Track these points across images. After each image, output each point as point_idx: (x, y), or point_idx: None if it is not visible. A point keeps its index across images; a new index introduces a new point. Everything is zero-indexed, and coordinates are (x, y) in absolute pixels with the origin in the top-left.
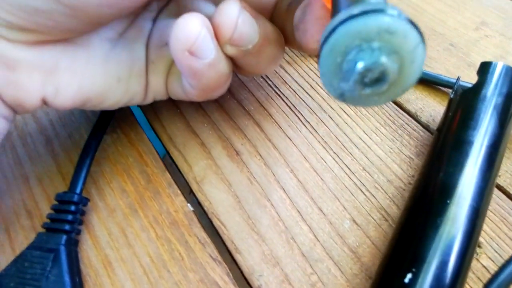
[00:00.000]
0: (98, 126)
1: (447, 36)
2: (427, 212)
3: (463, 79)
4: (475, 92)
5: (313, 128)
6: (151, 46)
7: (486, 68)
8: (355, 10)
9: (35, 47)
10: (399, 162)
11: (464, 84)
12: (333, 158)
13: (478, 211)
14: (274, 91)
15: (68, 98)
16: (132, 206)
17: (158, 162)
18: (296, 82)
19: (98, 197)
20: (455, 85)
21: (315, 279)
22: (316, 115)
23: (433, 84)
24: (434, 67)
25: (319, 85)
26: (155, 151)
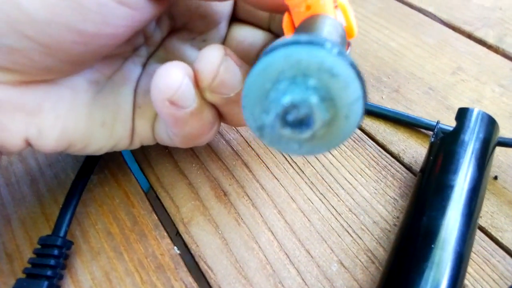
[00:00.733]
0: (85, 166)
1: (426, 80)
2: (412, 256)
3: (443, 121)
4: (454, 137)
5: (300, 169)
6: (138, 91)
7: (464, 114)
8: (303, 37)
9: (18, 87)
10: (384, 203)
11: (444, 127)
12: (320, 199)
13: (462, 255)
14: None
15: (51, 140)
16: (117, 248)
17: (145, 203)
18: None
19: (82, 239)
20: (435, 128)
21: None
22: (303, 156)
23: (414, 126)
24: (414, 109)
25: None
26: (142, 192)
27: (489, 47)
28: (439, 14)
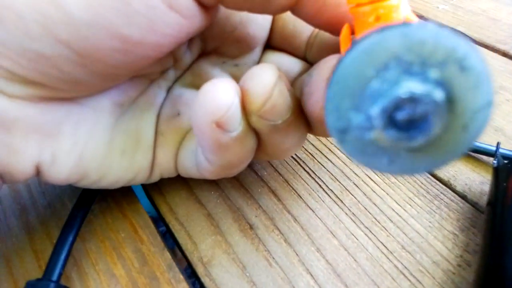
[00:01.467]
0: (85, 194)
1: None
2: None
3: (492, 144)
4: None
5: (338, 198)
6: (162, 117)
7: None
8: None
9: (37, 104)
10: (442, 239)
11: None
12: (366, 234)
13: None
14: None
15: (65, 168)
16: None
17: (156, 239)
18: (312, 144)
19: (80, 283)
20: (496, 152)
21: None
22: (340, 182)
23: None
24: None
25: (338, 148)
26: (153, 225)
27: None
28: (470, 33)
